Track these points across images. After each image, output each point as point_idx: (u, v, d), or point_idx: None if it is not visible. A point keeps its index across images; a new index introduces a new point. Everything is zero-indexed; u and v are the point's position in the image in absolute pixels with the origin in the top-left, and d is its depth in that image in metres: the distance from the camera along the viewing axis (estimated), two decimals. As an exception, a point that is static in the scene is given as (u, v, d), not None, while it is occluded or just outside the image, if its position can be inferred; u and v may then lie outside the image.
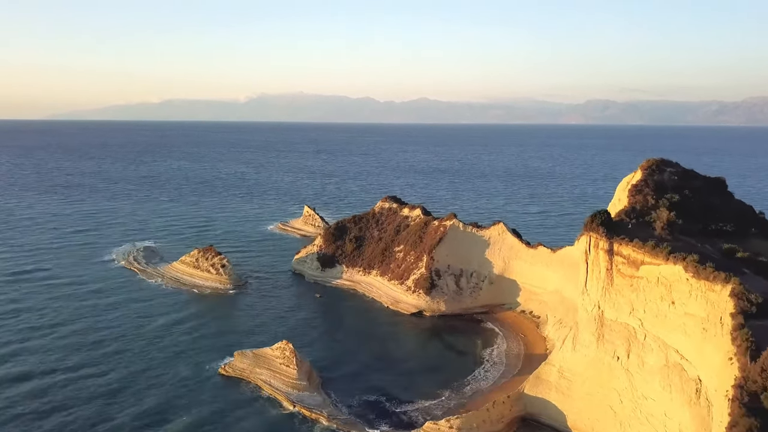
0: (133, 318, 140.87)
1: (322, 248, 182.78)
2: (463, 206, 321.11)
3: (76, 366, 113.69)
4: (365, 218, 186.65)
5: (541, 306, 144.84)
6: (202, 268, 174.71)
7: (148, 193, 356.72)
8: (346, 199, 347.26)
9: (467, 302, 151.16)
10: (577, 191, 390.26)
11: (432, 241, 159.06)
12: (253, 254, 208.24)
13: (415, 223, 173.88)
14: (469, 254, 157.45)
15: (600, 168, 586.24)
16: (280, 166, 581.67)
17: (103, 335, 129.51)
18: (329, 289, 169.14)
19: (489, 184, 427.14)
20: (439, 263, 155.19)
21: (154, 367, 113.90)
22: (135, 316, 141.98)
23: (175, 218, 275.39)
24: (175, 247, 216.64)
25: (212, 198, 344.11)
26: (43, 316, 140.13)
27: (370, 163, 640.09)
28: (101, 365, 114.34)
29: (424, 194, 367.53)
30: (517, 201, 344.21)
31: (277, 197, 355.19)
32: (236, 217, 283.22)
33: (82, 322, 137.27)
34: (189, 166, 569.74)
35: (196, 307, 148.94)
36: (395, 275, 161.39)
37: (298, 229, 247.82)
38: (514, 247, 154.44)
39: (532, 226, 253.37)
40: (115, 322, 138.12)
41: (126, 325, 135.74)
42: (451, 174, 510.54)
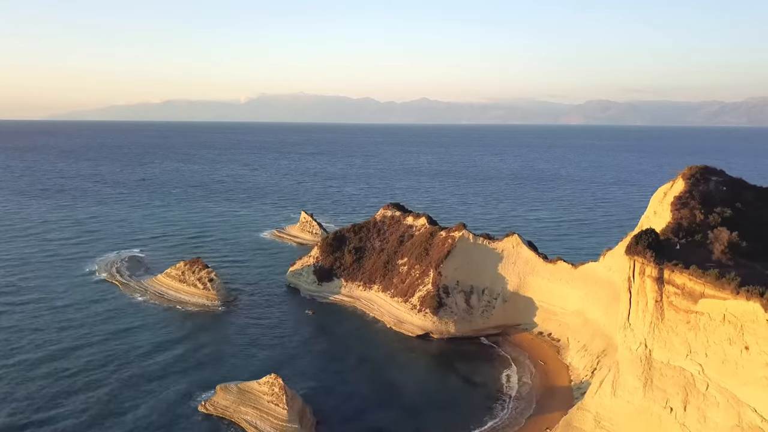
0: (104, 341, 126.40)
1: (319, 260, 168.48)
2: (468, 211, 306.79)
3: (24, 402, 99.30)
4: (366, 227, 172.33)
5: (560, 328, 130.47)
6: (188, 282, 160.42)
7: (141, 198, 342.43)
8: (347, 203, 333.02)
9: (479, 323, 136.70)
10: (588, 195, 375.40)
11: (439, 255, 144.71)
12: (246, 265, 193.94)
13: (420, 233, 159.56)
14: (481, 269, 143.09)
15: (608, 170, 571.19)
16: (279, 168, 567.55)
17: (65, 363, 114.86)
18: (326, 306, 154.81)
19: (495, 188, 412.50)
20: (447, 279, 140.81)
21: (122, 401, 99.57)
22: (107, 340, 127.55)
23: (167, 224, 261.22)
24: (163, 256, 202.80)
25: (207, 202, 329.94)
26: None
27: (371, 164, 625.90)
28: (59, 399, 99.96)
29: (427, 198, 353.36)
30: (525, 205, 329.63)
31: (274, 201, 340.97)
32: (230, 223, 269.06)
33: (42, 349, 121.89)
34: (186, 168, 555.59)
35: (178, 329, 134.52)
36: (399, 291, 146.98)
37: (295, 237, 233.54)
38: (530, 262, 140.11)
39: (544, 235, 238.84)
40: (82, 347, 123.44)
41: (94, 351, 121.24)
42: (455, 176, 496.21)
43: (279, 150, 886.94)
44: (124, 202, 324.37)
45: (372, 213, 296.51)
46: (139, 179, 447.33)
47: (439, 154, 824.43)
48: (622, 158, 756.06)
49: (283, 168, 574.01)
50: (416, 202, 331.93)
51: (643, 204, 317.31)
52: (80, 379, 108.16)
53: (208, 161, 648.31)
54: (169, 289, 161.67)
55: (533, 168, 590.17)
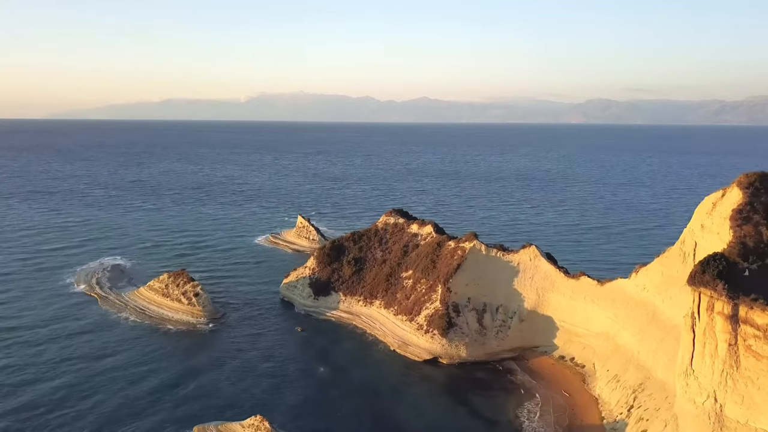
0: (71, 365, 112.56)
1: (315, 271, 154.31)
2: (474, 215, 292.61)
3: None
4: (366, 236, 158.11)
5: (585, 352, 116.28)
6: (172, 297, 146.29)
7: (133, 201, 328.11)
8: (346, 207, 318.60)
9: (493, 345, 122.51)
10: (599, 197, 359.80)
11: (448, 268, 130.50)
12: (237, 274, 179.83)
13: (426, 242, 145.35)
14: (494, 284, 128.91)
15: (616, 170, 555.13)
16: (278, 169, 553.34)
17: (26, 390, 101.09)
18: (323, 324, 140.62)
19: (503, 190, 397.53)
20: (457, 296, 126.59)
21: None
22: (76, 363, 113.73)
23: (156, 229, 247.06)
24: (150, 264, 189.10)
25: (202, 205, 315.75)
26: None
27: (372, 165, 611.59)
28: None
29: (431, 201, 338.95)
30: (534, 208, 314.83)
31: (271, 204, 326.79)
32: (224, 228, 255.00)
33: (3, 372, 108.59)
34: (183, 168, 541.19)
35: (156, 353, 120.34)
36: (403, 309, 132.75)
37: (290, 243, 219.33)
38: (549, 277, 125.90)
39: (558, 242, 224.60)
40: (47, 370, 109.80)
41: (60, 374, 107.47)
42: (459, 177, 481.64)
43: (278, 149, 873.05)
44: (114, 205, 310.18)
45: (373, 217, 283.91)
46: (133, 180, 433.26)
47: (441, 153, 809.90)
48: (629, 158, 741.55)
49: (282, 168, 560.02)
50: (419, 205, 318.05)
51: (659, 207, 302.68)
52: (43, 409, 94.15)
53: (206, 161, 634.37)
54: (151, 303, 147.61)
55: (539, 168, 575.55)
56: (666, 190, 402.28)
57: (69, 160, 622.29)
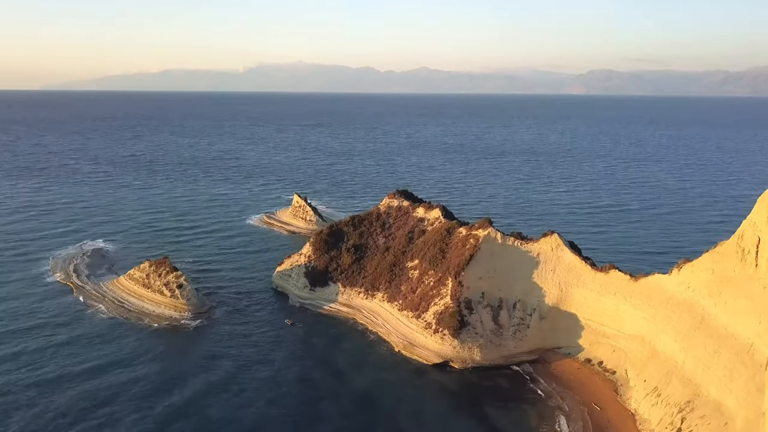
0: (28, 369, 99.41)
1: (312, 259, 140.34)
2: (482, 194, 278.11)
3: None
4: (367, 220, 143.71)
5: (615, 356, 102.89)
6: (153, 288, 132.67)
7: (124, 177, 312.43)
8: (346, 184, 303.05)
9: (510, 346, 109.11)
10: (613, 174, 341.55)
11: (459, 259, 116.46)
12: (227, 260, 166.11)
13: (433, 228, 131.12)
14: (511, 277, 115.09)
15: (627, 144, 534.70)
16: (277, 142, 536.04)
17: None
18: (320, 319, 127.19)
19: (510, 165, 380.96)
20: (470, 290, 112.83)
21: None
22: (34, 366, 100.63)
23: (145, 209, 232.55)
24: (134, 248, 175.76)
25: (195, 182, 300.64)
26: None
27: (374, 138, 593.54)
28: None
29: (436, 178, 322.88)
30: (546, 186, 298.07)
31: (267, 180, 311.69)
32: (216, 206, 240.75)
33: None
34: (179, 142, 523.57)
35: (132, 355, 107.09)
36: (409, 303, 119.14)
37: (286, 224, 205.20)
38: (574, 269, 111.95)
39: (575, 225, 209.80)
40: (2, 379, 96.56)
41: (12, 381, 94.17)
42: (464, 152, 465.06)
43: (277, 122, 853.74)
44: (104, 182, 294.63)
45: (375, 196, 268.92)
46: (127, 155, 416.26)
47: (444, 126, 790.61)
48: (636, 131, 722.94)
49: (281, 142, 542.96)
50: (424, 182, 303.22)
51: (678, 186, 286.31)
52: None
53: (203, 134, 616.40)
54: (130, 295, 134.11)
55: (546, 142, 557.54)
56: (680, 165, 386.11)
57: (62, 134, 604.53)
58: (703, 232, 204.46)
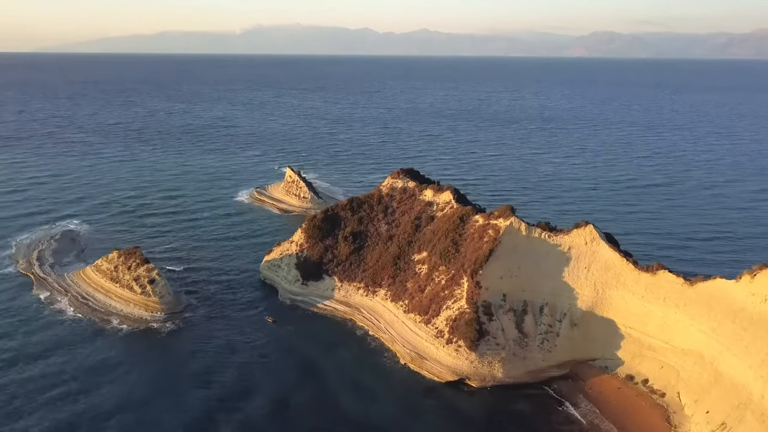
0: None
1: (304, 248, 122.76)
2: (494, 168, 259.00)
3: None
4: (368, 203, 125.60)
5: (664, 373, 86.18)
6: (122, 283, 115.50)
7: (109, 147, 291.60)
8: (345, 156, 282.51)
9: (537, 359, 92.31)
10: (631, 144, 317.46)
11: (476, 254, 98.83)
12: (210, 245, 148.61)
13: (444, 215, 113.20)
14: (537, 276, 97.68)
15: (641, 112, 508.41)
16: (271, 109, 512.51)
17: None
18: (314, 319, 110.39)
19: (520, 133, 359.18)
20: (489, 292, 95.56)
21: None
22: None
23: (128, 183, 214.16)
24: (109, 231, 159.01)
25: (185, 153, 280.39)
26: None
27: (375, 103, 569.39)
28: None
29: (443, 149, 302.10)
30: (562, 158, 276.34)
31: (261, 150, 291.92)
32: (204, 180, 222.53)
33: None
34: (172, 108, 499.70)
35: (87, 366, 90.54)
36: (416, 305, 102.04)
37: (277, 201, 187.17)
38: (612, 267, 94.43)
39: (598, 203, 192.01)
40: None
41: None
42: (471, 118, 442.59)
43: (274, 86, 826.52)
44: (87, 154, 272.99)
45: (376, 170, 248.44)
46: (116, 123, 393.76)
47: (448, 90, 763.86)
48: (648, 96, 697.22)
49: (277, 107, 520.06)
50: (428, 155, 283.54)
51: (705, 157, 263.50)
52: None
53: (198, 100, 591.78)
54: (97, 290, 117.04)
55: (556, 108, 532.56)
56: (702, 134, 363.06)
57: (51, 99, 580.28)
58: (744, 211, 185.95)
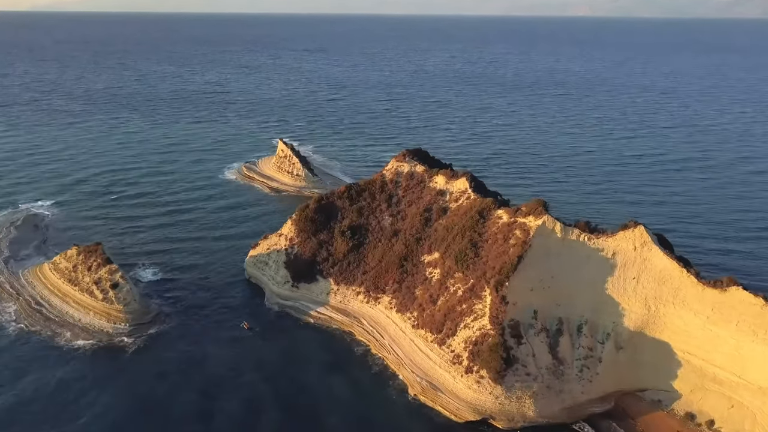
0: None
1: (294, 243, 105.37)
2: (506, 139, 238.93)
3: None
4: (369, 191, 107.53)
5: (736, 414, 69.81)
6: (81, 286, 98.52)
7: (94, 115, 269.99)
8: (345, 126, 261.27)
9: (575, 392, 75.77)
10: (656, 114, 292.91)
11: (501, 259, 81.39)
12: (189, 234, 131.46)
13: (459, 207, 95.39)
14: (575, 288, 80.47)
15: (661, 77, 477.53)
16: (271, 71, 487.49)
17: None
18: (304, 332, 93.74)
19: (533, 99, 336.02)
20: (517, 308, 78.50)
21: None
22: None
23: (108, 158, 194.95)
24: (79, 215, 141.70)
25: (174, 121, 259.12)
26: None
27: (379, 66, 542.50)
28: None
29: (450, 118, 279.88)
30: (582, 128, 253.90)
31: (254, 118, 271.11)
32: (191, 153, 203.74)
33: None
34: (165, 71, 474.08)
35: (30, 397, 74.13)
36: (428, 319, 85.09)
37: (268, 179, 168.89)
38: (668, 279, 77.13)
39: (629, 185, 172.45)
40: None
41: None
42: (479, 83, 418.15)
43: (273, 46, 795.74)
44: (68, 124, 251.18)
45: (378, 145, 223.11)
46: (103, 88, 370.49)
47: (454, 52, 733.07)
48: (664, 58, 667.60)
49: (275, 70, 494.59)
50: (435, 125, 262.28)
51: (742, 126, 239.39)
52: None
53: (192, 62, 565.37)
54: (52, 293, 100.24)
55: (569, 71, 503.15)
56: (730, 102, 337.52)
57: (38, 62, 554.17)
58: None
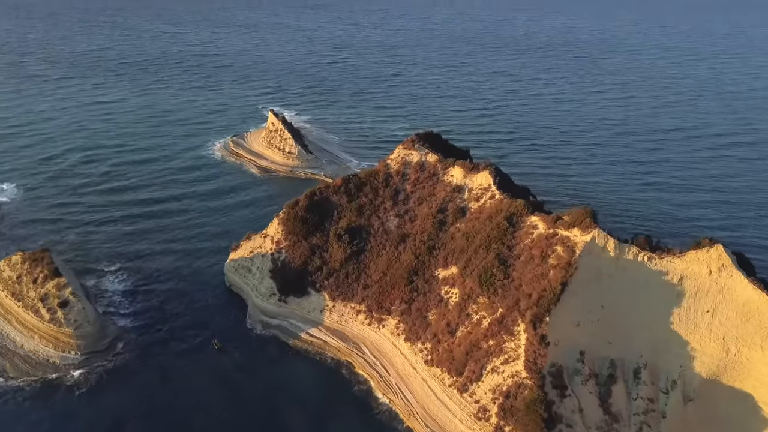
0: None
1: (282, 247, 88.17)
2: (522, 109, 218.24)
3: None
4: (370, 185, 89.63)
5: None
6: (25, 302, 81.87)
7: (74, 82, 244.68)
8: (344, 91, 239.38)
9: (633, 459, 59.66)
10: (679, 79, 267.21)
11: (540, 285, 64.25)
12: (164, 225, 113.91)
13: (480, 208, 77.91)
14: (631, 321, 63.57)
15: (677, 33, 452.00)
16: (268, 30, 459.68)
17: None
18: (292, 360, 77.44)
19: (551, 63, 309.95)
20: (560, 348, 61.78)
21: None
22: None
23: (82, 129, 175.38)
24: (39, 203, 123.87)
25: (161, 89, 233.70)
26: None
27: (382, 24, 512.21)
28: None
29: (458, 84, 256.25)
30: (610, 97, 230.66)
31: (246, 84, 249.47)
32: (174, 125, 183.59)
33: None
34: (157, 31, 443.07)
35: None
36: (444, 355, 68.45)
37: (257, 156, 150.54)
38: (754, 314, 60.16)
39: (665, 166, 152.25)
40: None
41: None
42: (488, 43, 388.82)
43: (272, 1, 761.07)
44: (43, 92, 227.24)
45: (381, 116, 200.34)
46: (91, 50, 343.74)
47: (461, 7, 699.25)
48: (682, 14, 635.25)
49: (273, 30, 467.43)
50: (443, 94, 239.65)
51: None
52: None
53: (188, 21, 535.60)
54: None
55: (583, 30, 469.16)
56: (762, 64, 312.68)
57: (23, 19, 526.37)
58: None
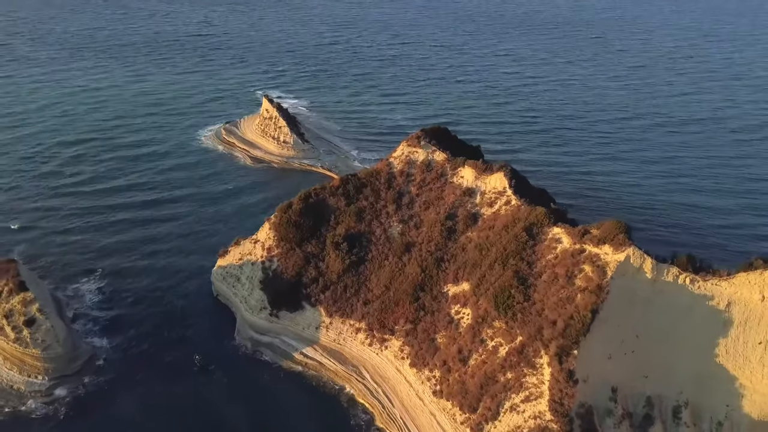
0: None
1: (274, 254, 79.93)
2: (533, 98, 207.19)
3: None
4: (371, 187, 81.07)
5: None
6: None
7: (61, 64, 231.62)
8: (345, 74, 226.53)
9: None
10: (701, 63, 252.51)
11: (565, 311, 56.25)
12: (148, 227, 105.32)
13: (494, 215, 69.77)
14: (669, 352, 55.81)
15: (696, 11, 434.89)
16: (267, 6, 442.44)
17: None
18: (285, 386, 69.73)
19: (562, 43, 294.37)
20: (590, 384, 54.01)
21: None
22: None
23: (68, 119, 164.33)
24: (12, 205, 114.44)
25: (153, 73, 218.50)
26: None
27: (378, 2, 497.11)
28: None
29: (467, 69, 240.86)
30: (620, 81, 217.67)
31: (245, 66, 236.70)
32: (164, 111, 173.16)
33: None
34: (156, 8, 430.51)
35: None
36: (455, 387, 60.67)
37: (250, 145, 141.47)
38: (816, 349, 52.12)
39: (695, 163, 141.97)
40: None
41: None
42: (494, 21, 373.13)
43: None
44: (28, 75, 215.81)
45: (384, 102, 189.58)
46: (80, 29, 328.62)
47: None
48: None
49: (272, 6, 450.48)
50: (449, 79, 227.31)
51: None
52: None
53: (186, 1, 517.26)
54: (-44, 325, 75.68)
55: (591, 7, 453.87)
56: None
57: None
58: None
